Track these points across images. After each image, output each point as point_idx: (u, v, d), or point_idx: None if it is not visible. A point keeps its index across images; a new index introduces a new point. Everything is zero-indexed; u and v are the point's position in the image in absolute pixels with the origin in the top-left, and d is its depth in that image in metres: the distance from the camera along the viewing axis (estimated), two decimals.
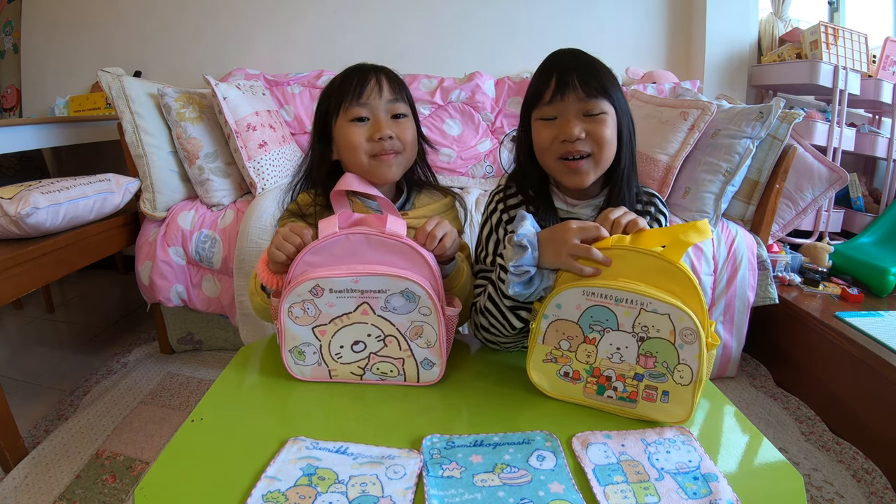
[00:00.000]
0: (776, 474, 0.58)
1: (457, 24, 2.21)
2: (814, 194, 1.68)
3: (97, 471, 1.17)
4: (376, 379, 0.73)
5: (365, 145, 0.79)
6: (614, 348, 0.64)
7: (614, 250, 0.63)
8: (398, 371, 0.72)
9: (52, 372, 1.63)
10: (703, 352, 0.60)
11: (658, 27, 2.21)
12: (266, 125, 1.67)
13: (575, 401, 0.68)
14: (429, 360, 0.72)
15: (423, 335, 0.70)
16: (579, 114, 0.74)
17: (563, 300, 0.64)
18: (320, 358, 0.71)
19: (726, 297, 1.48)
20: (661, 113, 1.64)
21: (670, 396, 0.63)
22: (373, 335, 0.70)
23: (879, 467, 1.18)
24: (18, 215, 1.21)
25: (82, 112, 2.20)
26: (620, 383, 0.65)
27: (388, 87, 0.80)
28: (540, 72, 0.77)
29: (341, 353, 0.71)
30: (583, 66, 0.74)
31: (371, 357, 0.71)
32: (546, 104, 0.75)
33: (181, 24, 2.26)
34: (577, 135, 0.73)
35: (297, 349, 0.71)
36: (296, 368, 0.72)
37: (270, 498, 0.51)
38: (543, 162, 0.78)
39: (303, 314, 0.69)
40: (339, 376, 0.72)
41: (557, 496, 0.52)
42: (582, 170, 0.75)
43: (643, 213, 0.83)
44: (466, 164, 1.95)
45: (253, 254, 1.42)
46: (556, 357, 0.67)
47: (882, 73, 1.92)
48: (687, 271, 0.61)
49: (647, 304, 0.60)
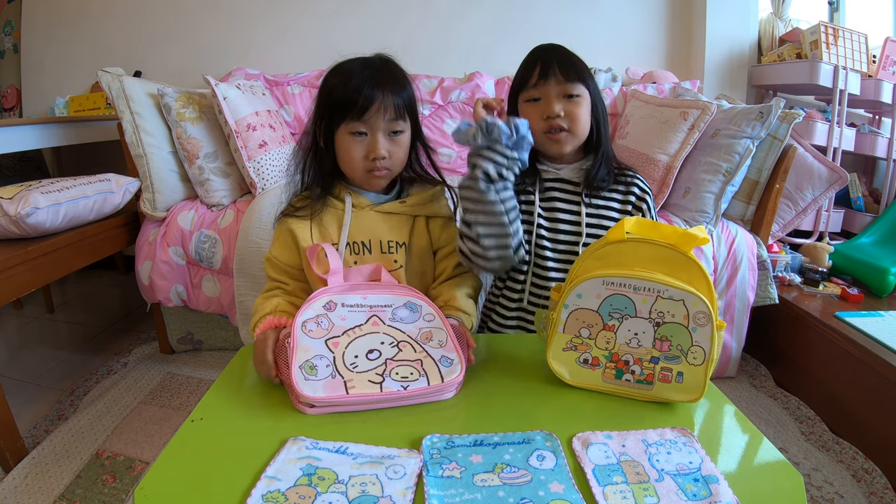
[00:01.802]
0: (776, 474, 0.58)
1: (457, 24, 2.21)
2: (814, 194, 1.68)
3: (97, 471, 1.17)
4: (397, 387, 0.66)
5: (360, 162, 0.84)
6: (632, 334, 0.67)
7: (630, 241, 0.67)
8: (419, 372, 0.68)
9: (52, 372, 1.63)
10: (715, 333, 0.65)
11: (658, 27, 2.21)
12: (266, 125, 1.67)
13: (593, 387, 0.71)
14: (446, 357, 0.71)
15: (434, 337, 0.73)
16: (560, 95, 0.89)
17: (583, 290, 0.67)
18: (334, 370, 0.67)
19: (726, 297, 1.48)
20: (661, 113, 1.64)
21: (685, 377, 0.67)
22: (386, 342, 0.71)
23: (879, 467, 1.18)
24: (18, 215, 1.21)
25: (82, 112, 2.20)
26: (638, 367, 0.68)
27: (392, 107, 0.82)
28: (525, 63, 0.92)
29: (356, 362, 0.69)
30: (562, 56, 0.89)
31: (388, 363, 0.70)
32: (532, 87, 0.90)
33: (181, 24, 2.26)
34: (558, 112, 0.88)
35: (308, 363, 0.67)
36: (306, 386, 0.64)
37: (270, 498, 0.51)
38: None
39: (316, 327, 0.70)
40: (356, 387, 0.65)
41: (557, 496, 0.52)
42: (561, 140, 0.90)
43: (625, 196, 0.95)
44: (466, 163, 1.95)
45: (253, 254, 1.42)
46: (576, 345, 0.70)
47: (882, 73, 1.92)
48: (697, 260, 0.65)
49: (664, 292, 0.64)
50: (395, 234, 0.87)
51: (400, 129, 0.84)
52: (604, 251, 0.68)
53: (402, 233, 0.88)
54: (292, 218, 0.87)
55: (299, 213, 0.87)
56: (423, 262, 0.91)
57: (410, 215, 0.90)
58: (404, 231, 0.89)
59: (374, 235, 0.86)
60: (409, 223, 0.89)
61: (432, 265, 0.94)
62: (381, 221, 0.87)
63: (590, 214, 0.93)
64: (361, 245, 0.86)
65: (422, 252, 0.90)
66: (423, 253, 0.91)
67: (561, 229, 0.93)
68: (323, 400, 0.64)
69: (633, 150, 1.64)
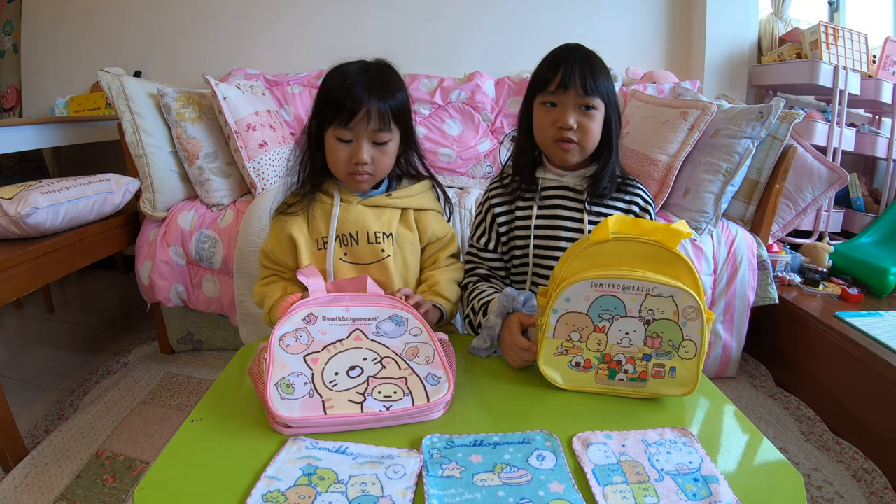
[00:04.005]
0: (776, 474, 0.58)
1: (457, 24, 2.21)
2: (814, 194, 1.68)
3: (97, 471, 1.17)
4: (379, 407, 0.63)
5: (344, 165, 0.86)
6: (623, 334, 0.67)
7: (615, 241, 0.66)
8: (403, 391, 0.65)
9: (52, 372, 1.63)
10: (705, 326, 0.65)
11: (658, 27, 2.21)
12: (266, 125, 1.67)
13: (587, 389, 0.70)
14: (433, 374, 0.68)
15: (421, 353, 0.71)
16: (576, 106, 0.86)
17: (571, 294, 0.66)
18: (312, 388, 0.64)
19: (726, 297, 1.48)
20: (661, 113, 1.64)
21: (677, 371, 0.68)
22: (368, 358, 0.69)
23: (879, 467, 1.18)
24: (18, 215, 1.21)
25: (82, 112, 2.20)
26: (630, 366, 0.68)
27: (377, 117, 0.83)
28: (548, 62, 0.89)
29: (336, 379, 0.66)
30: (584, 64, 0.86)
31: (370, 381, 0.66)
32: (550, 93, 0.87)
33: (181, 24, 2.26)
34: (571, 125, 0.86)
35: (284, 381, 0.64)
36: (282, 405, 0.61)
37: (270, 498, 0.51)
38: (539, 139, 0.92)
39: (294, 342, 0.68)
40: (335, 407, 0.62)
41: (557, 496, 0.52)
42: (570, 151, 0.89)
43: (628, 206, 0.94)
44: (466, 164, 1.95)
45: (253, 254, 1.42)
46: (567, 349, 0.69)
47: (882, 73, 1.92)
48: (682, 255, 0.65)
49: (653, 290, 0.65)
50: (383, 226, 0.89)
51: (385, 139, 0.86)
52: (589, 252, 0.67)
53: (389, 224, 0.90)
54: (286, 216, 0.90)
55: (291, 210, 0.90)
56: (410, 254, 0.93)
57: (398, 208, 0.91)
58: (392, 222, 0.90)
59: (361, 227, 0.88)
60: (397, 215, 0.91)
61: (418, 258, 0.95)
62: (369, 214, 0.89)
63: (592, 222, 0.93)
64: (349, 237, 0.88)
65: (409, 243, 0.92)
66: (410, 244, 0.93)
67: (563, 236, 0.93)
68: (299, 421, 0.60)
69: (633, 150, 1.64)
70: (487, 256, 0.99)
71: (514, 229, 0.96)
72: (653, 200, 0.98)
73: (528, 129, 0.93)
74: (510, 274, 1.00)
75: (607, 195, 0.93)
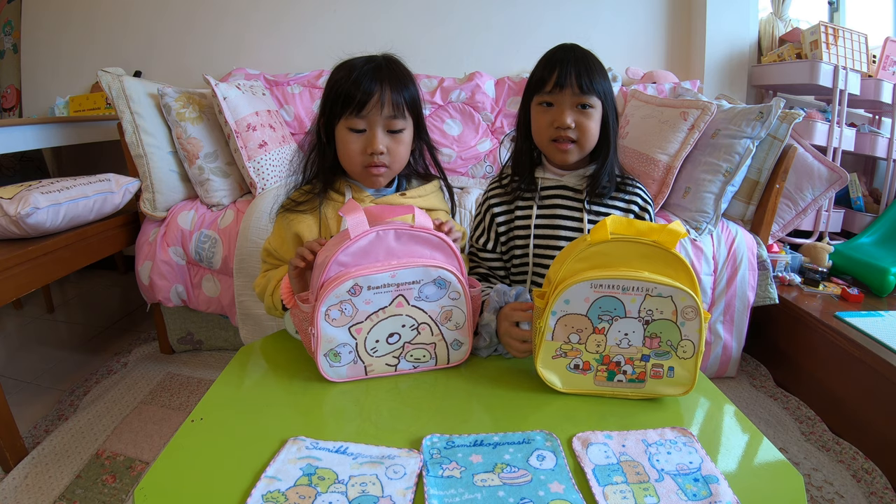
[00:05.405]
0: (776, 474, 0.58)
1: (457, 24, 2.21)
2: (814, 194, 1.68)
3: (97, 471, 1.17)
4: (409, 367, 0.75)
5: (358, 157, 0.84)
6: (622, 334, 0.67)
7: (614, 241, 0.66)
8: (430, 355, 0.75)
9: (52, 372, 1.63)
10: (703, 326, 0.65)
11: (658, 27, 2.21)
12: (266, 125, 1.67)
13: (586, 391, 0.70)
14: (458, 340, 0.76)
15: (452, 318, 0.74)
16: (573, 106, 0.87)
17: (570, 295, 0.65)
18: (356, 356, 0.72)
19: (726, 297, 1.48)
20: (661, 113, 1.64)
21: (675, 371, 0.68)
22: (407, 325, 0.72)
23: (879, 467, 1.18)
24: (18, 215, 1.21)
25: (82, 112, 2.20)
26: (629, 367, 0.68)
27: (390, 103, 0.82)
28: (544, 63, 0.90)
29: (377, 346, 0.72)
30: (580, 64, 0.86)
31: (405, 346, 0.73)
32: (546, 93, 0.88)
33: (181, 24, 2.26)
34: (569, 124, 0.86)
35: (332, 351, 0.71)
36: (331, 371, 0.72)
37: (270, 498, 0.51)
38: (537, 139, 0.92)
39: (340, 315, 0.69)
40: (374, 370, 0.74)
41: (557, 496, 0.52)
42: (568, 150, 0.89)
43: (627, 206, 0.94)
44: (466, 164, 1.95)
45: (253, 254, 1.42)
46: (565, 351, 0.69)
47: (882, 73, 1.92)
48: (679, 255, 0.65)
49: (652, 290, 0.64)
50: None
51: (399, 127, 0.84)
52: (588, 252, 0.66)
53: None
54: (293, 213, 0.89)
55: (300, 208, 0.88)
56: None
57: None
58: (406, 221, 0.89)
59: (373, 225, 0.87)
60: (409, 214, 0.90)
61: None
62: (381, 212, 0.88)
63: (591, 221, 0.93)
64: None
65: None
66: None
67: (562, 236, 0.93)
68: (345, 380, 0.73)
69: (633, 150, 1.64)
70: (486, 256, 0.99)
71: (514, 229, 0.96)
72: (652, 200, 0.99)
73: (526, 130, 0.94)
74: (510, 274, 1.00)
75: (607, 194, 0.93)
